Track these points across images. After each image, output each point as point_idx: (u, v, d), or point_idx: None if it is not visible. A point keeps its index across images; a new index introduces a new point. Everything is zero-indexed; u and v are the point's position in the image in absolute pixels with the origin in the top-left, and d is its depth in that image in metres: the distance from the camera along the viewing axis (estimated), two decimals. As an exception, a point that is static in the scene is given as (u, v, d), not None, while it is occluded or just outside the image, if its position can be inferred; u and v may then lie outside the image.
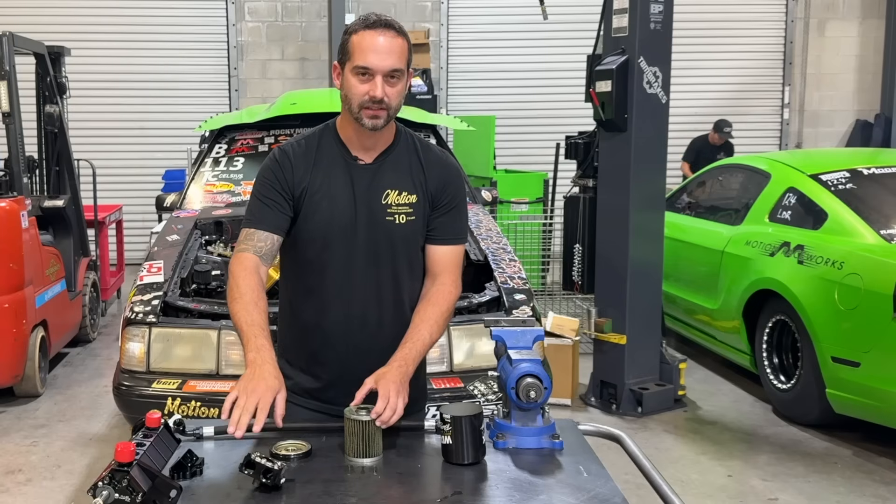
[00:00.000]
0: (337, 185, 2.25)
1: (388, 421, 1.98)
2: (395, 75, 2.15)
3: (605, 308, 5.41)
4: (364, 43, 2.13)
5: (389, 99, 2.15)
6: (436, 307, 2.27)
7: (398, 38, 2.15)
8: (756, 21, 11.00)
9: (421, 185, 2.28)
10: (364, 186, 2.25)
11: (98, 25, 10.30)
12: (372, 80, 2.13)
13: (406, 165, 2.29)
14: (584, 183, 5.61)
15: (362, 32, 2.14)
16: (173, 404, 3.73)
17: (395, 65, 2.14)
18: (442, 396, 3.69)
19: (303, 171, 2.25)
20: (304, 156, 2.27)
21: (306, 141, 2.30)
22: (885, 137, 10.80)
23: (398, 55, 2.15)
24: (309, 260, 2.27)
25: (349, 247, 2.25)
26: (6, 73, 5.72)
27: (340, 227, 2.24)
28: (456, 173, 2.38)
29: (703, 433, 5.02)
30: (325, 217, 2.24)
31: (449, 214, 2.32)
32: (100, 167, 7.59)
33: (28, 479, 4.39)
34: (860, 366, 4.51)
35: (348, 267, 2.26)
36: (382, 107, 2.15)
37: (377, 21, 2.15)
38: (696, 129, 10.41)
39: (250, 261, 2.21)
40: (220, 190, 5.55)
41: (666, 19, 5.17)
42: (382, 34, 2.13)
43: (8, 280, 5.30)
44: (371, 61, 2.12)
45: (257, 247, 2.22)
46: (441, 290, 2.30)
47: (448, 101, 10.67)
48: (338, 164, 2.26)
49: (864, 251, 4.67)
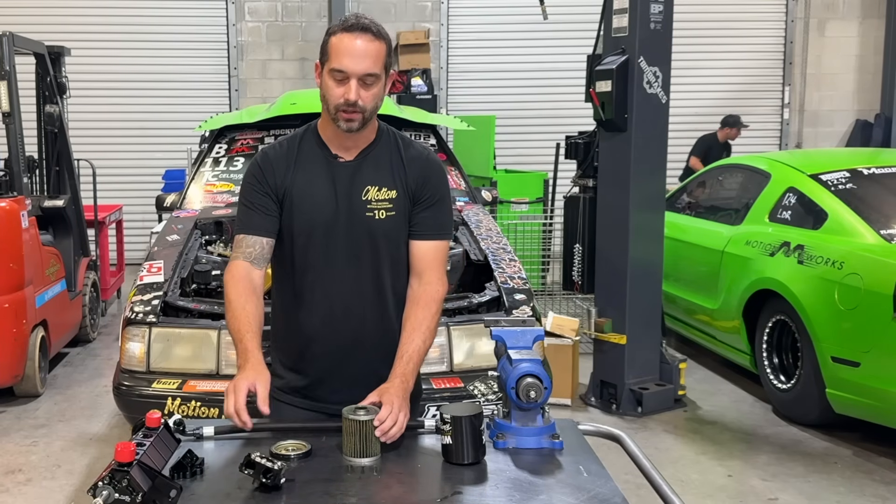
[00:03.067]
0: (317, 183, 2.26)
1: (392, 435, 1.99)
2: (370, 80, 2.15)
3: (605, 308, 5.41)
4: (341, 46, 2.13)
5: (364, 102, 2.15)
6: (426, 310, 2.27)
7: (375, 42, 2.14)
8: (756, 21, 11.00)
9: (401, 180, 2.29)
10: (345, 184, 2.26)
11: (98, 25, 10.30)
12: (347, 84, 2.14)
13: (387, 162, 2.30)
14: (584, 183, 5.61)
15: (340, 35, 2.15)
16: (173, 404, 3.74)
17: (371, 69, 2.14)
18: (442, 396, 3.70)
19: (283, 171, 2.27)
20: (285, 157, 2.29)
21: (287, 142, 2.33)
22: (885, 137, 10.79)
23: (374, 59, 2.14)
24: (292, 258, 2.30)
25: (331, 244, 2.27)
26: (6, 73, 5.72)
27: (322, 224, 2.26)
28: (437, 168, 2.38)
29: (703, 433, 5.02)
30: (308, 215, 2.26)
31: (431, 209, 2.32)
32: (100, 167, 7.59)
33: (28, 479, 4.39)
34: (860, 366, 4.51)
35: (330, 264, 2.28)
36: (357, 110, 2.16)
37: (355, 24, 2.15)
38: (696, 128, 10.40)
39: (239, 268, 2.26)
40: (220, 190, 5.55)
41: (666, 19, 5.17)
42: (359, 37, 2.13)
43: (8, 280, 5.30)
44: (346, 64, 2.12)
45: (247, 252, 2.26)
46: (428, 290, 2.30)
47: (448, 101, 10.66)
48: (318, 163, 2.28)
49: (864, 251, 4.67)
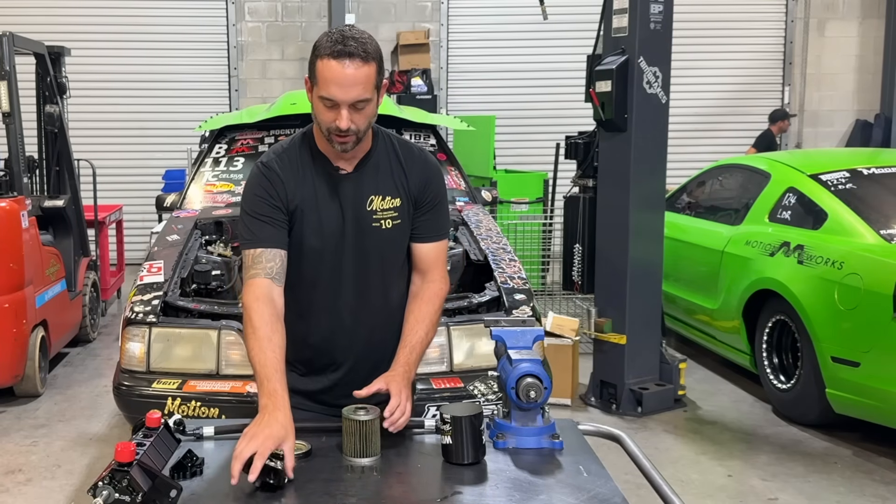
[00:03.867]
0: (324, 196, 2.24)
1: (400, 425, 2.01)
2: (361, 104, 2.11)
3: (605, 308, 5.41)
4: (328, 74, 2.08)
5: (357, 126, 2.12)
6: (429, 305, 2.30)
7: (364, 67, 2.08)
8: (756, 21, 10.99)
9: (403, 186, 2.29)
10: (349, 196, 2.25)
11: (98, 25, 10.29)
12: (337, 110, 2.09)
13: (387, 169, 2.29)
14: (584, 183, 5.61)
15: (327, 61, 2.08)
16: (173, 404, 3.73)
17: (361, 95, 2.09)
18: (442, 396, 3.69)
19: (294, 185, 2.22)
20: (291, 170, 2.24)
21: (287, 154, 2.27)
22: (885, 137, 10.78)
23: (363, 85, 2.08)
24: (301, 271, 2.26)
25: (340, 256, 2.26)
26: (6, 73, 5.72)
27: (331, 237, 2.24)
28: (435, 171, 2.38)
29: (703, 433, 5.02)
30: (317, 230, 2.24)
31: (432, 212, 2.34)
32: (100, 167, 7.59)
33: (28, 479, 4.39)
34: (860, 366, 4.51)
35: (339, 276, 2.27)
36: (349, 135, 2.13)
37: (342, 51, 2.07)
38: (696, 128, 10.41)
39: (262, 288, 2.15)
40: (220, 190, 5.55)
41: (666, 19, 5.17)
42: (347, 65, 2.06)
43: (8, 280, 5.30)
44: (334, 94, 2.08)
45: (267, 268, 2.17)
46: (432, 287, 2.33)
47: (448, 101, 10.66)
48: (322, 177, 2.25)
49: (864, 251, 4.67)
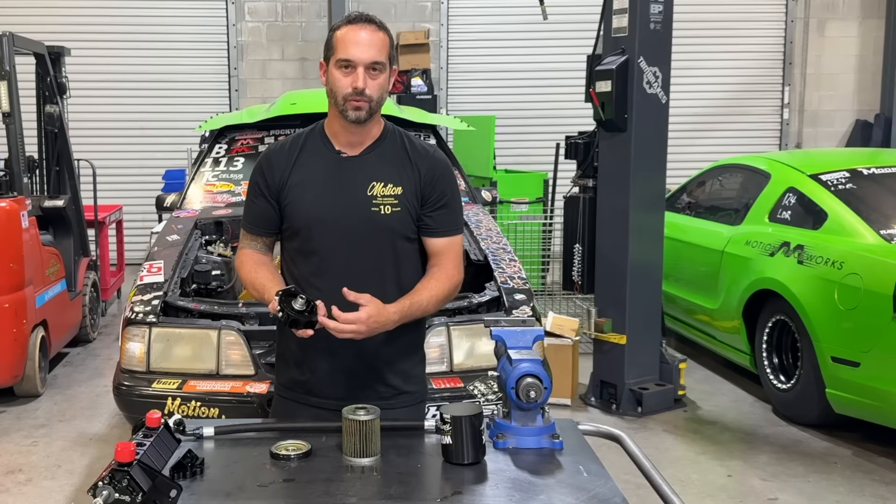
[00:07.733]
0: (318, 178, 2.32)
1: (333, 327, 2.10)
2: (377, 67, 2.25)
3: (605, 308, 5.41)
4: (346, 37, 2.26)
5: (371, 91, 2.24)
6: (439, 283, 2.34)
7: (379, 33, 2.27)
8: (756, 21, 10.98)
9: (408, 178, 2.33)
10: (349, 178, 2.31)
11: (98, 25, 10.29)
12: (354, 73, 2.25)
13: (393, 159, 2.34)
14: (584, 183, 5.61)
15: (345, 28, 2.28)
16: (173, 404, 3.73)
17: (376, 57, 2.25)
18: (442, 396, 3.69)
19: (283, 167, 2.35)
20: (287, 153, 2.37)
21: (291, 140, 2.41)
22: (885, 137, 10.77)
23: (378, 48, 2.25)
24: (295, 251, 2.37)
25: (333, 238, 2.30)
26: (6, 73, 5.72)
27: (322, 218, 2.30)
28: (445, 166, 2.42)
29: (703, 433, 5.02)
30: (307, 209, 2.32)
31: (443, 208, 2.36)
32: (100, 167, 7.58)
33: (28, 479, 4.40)
34: (860, 366, 4.51)
35: (332, 258, 2.31)
36: (364, 98, 2.24)
37: (359, 17, 2.30)
38: (696, 128, 10.40)
39: (246, 253, 2.43)
40: (220, 190, 5.55)
41: (666, 19, 5.17)
42: (364, 29, 2.25)
43: (8, 280, 5.30)
44: (353, 53, 2.24)
45: (252, 245, 2.44)
46: (445, 270, 2.36)
47: (448, 101, 10.65)
48: (321, 158, 2.34)
49: (864, 251, 4.67)
